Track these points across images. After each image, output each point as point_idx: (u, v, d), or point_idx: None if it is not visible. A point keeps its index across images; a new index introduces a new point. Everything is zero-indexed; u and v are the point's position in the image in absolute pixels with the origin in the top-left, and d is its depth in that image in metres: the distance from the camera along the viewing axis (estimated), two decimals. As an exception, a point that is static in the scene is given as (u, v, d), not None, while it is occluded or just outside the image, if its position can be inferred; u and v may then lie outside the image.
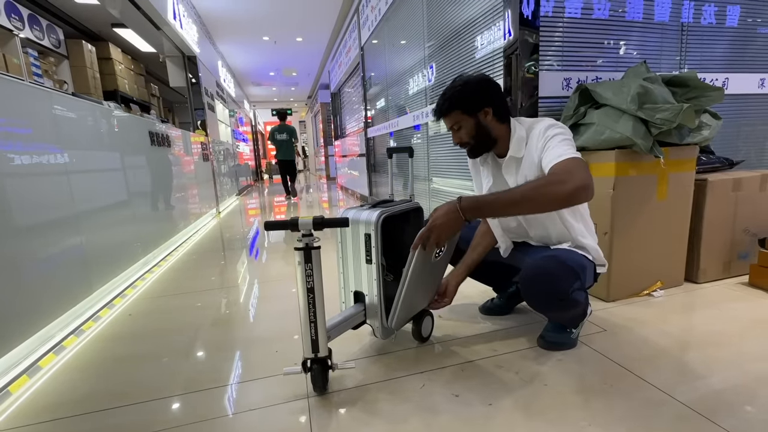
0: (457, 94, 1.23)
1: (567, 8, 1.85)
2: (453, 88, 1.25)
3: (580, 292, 1.17)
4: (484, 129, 1.25)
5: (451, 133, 1.30)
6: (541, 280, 1.15)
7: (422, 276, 1.20)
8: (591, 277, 1.25)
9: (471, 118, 1.24)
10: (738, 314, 1.48)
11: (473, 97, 1.23)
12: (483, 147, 1.29)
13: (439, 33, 2.87)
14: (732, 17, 2.16)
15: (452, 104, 1.24)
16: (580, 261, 1.20)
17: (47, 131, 1.63)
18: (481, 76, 1.27)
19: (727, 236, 1.80)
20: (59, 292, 1.61)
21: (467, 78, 1.26)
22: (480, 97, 1.23)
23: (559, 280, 1.13)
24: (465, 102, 1.23)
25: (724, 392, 1.02)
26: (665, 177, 1.61)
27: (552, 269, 1.15)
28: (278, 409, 1.04)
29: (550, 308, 1.24)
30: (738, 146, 2.36)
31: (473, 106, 1.23)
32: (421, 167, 3.41)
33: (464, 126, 1.25)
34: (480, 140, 1.26)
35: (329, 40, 7.04)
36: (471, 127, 1.25)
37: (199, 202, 4.16)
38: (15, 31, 3.41)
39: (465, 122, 1.25)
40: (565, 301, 1.14)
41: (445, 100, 1.25)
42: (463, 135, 1.27)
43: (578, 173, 1.00)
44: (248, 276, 2.29)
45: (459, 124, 1.26)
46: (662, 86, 1.58)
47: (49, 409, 1.10)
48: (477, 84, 1.24)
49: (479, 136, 1.25)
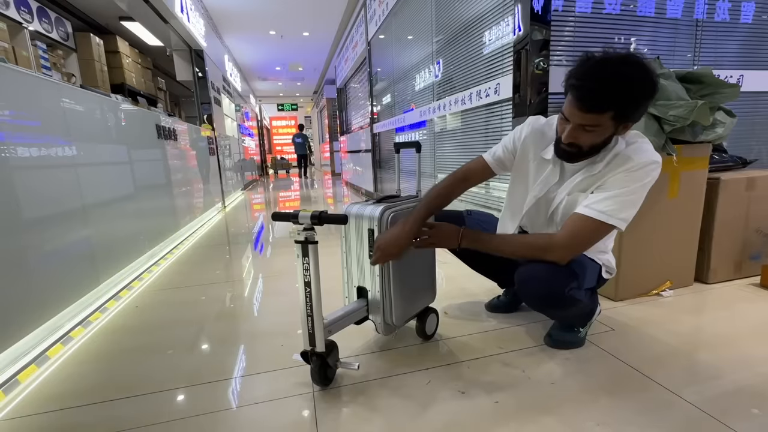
0: (627, 92, 0.90)
1: (578, 3, 1.82)
2: (623, 78, 0.89)
3: (577, 290, 1.13)
4: (608, 141, 1.01)
5: (569, 125, 0.98)
6: (533, 282, 1.10)
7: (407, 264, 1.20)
8: (593, 278, 1.19)
9: (612, 127, 0.96)
10: (748, 316, 1.46)
11: (638, 106, 0.93)
12: (584, 157, 1.05)
13: (447, 28, 2.84)
14: (746, 13, 2.12)
15: (614, 104, 0.91)
16: (579, 259, 1.15)
17: (55, 124, 1.63)
18: (655, 75, 0.92)
19: (738, 236, 1.77)
20: (67, 283, 1.62)
21: (642, 72, 0.90)
22: (643, 108, 0.95)
23: (551, 280, 1.08)
24: (627, 106, 0.92)
25: (734, 394, 1.01)
26: (677, 175, 1.58)
27: (544, 270, 1.08)
28: (283, 402, 1.04)
29: (547, 308, 1.22)
30: (751, 145, 2.32)
31: (628, 116, 0.94)
32: (427, 164, 3.40)
33: (599, 132, 0.96)
34: (592, 151, 1.03)
35: (336, 34, 7.01)
36: (603, 137, 0.98)
37: (205, 196, 4.18)
38: (24, 23, 3.42)
39: (604, 128, 0.96)
40: (562, 300, 1.10)
41: (610, 95, 0.90)
42: (585, 138, 0.98)
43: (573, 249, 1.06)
44: (253, 270, 2.30)
45: (595, 128, 0.95)
46: (676, 82, 1.55)
47: (56, 398, 1.11)
48: (651, 90, 0.92)
49: (597, 147, 1.02)
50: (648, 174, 1.01)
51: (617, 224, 1.00)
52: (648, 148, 1.05)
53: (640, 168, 1.00)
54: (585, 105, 0.93)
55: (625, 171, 1.01)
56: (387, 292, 1.18)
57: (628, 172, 1.01)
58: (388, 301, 1.19)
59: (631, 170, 1.01)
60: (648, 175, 1.01)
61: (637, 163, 1.01)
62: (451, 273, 1.98)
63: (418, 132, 3.72)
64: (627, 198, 1.01)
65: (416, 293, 1.30)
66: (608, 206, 1.00)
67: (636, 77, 0.90)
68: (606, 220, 1.00)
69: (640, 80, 0.91)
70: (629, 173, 1.01)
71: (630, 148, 1.04)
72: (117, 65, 4.73)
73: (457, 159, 2.87)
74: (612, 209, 1.00)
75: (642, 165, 1.01)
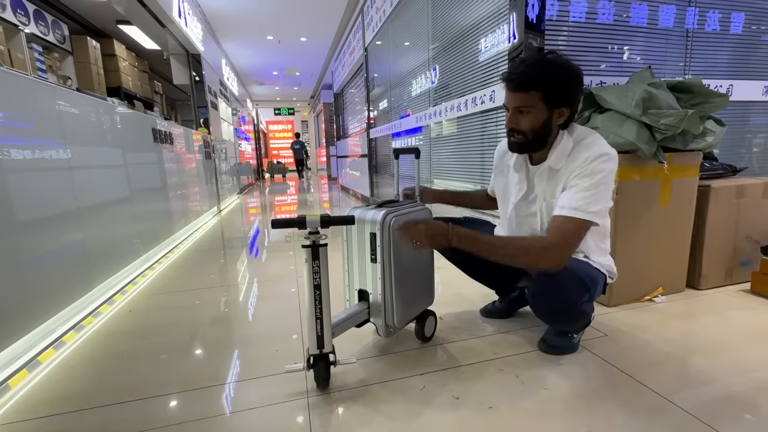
0: (550, 74, 1.02)
1: (572, 12, 1.85)
2: (545, 63, 1.04)
3: (588, 304, 1.16)
4: (548, 128, 1.08)
5: (509, 113, 1.10)
6: (548, 298, 1.12)
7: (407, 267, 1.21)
8: (601, 290, 1.21)
9: (545, 110, 1.06)
10: (739, 322, 1.48)
11: (563, 89, 1.04)
12: (532, 146, 1.13)
13: (443, 35, 2.88)
14: (736, 24, 2.16)
15: (538, 83, 1.03)
16: (592, 273, 1.16)
17: (50, 126, 1.63)
18: (577, 66, 1.05)
19: (729, 243, 1.79)
20: (60, 287, 1.61)
21: (566, 61, 1.04)
22: (569, 93, 1.05)
23: (569, 295, 1.10)
24: (553, 88, 1.03)
25: (725, 400, 1.02)
26: (668, 182, 1.61)
27: (561, 283, 1.08)
28: (277, 408, 1.04)
29: (557, 321, 1.23)
30: (741, 153, 2.36)
31: (556, 99, 1.05)
32: (424, 169, 3.41)
33: (533, 114, 1.06)
34: (536, 138, 1.10)
35: (333, 40, 7.05)
36: (539, 120, 1.07)
37: (201, 200, 4.17)
38: (20, 26, 3.42)
39: (537, 110, 1.06)
40: (574, 313, 1.13)
41: (532, 75, 1.03)
42: (524, 122, 1.08)
43: (565, 249, 1.06)
44: (248, 274, 2.29)
45: (529, 109, 1.06)
46: (667, 92, 1.58)
47: (47, 404, 1.09)
48: (573, 75, 1.04)
49: (538, 134, 1.09)
50: (601, 165, 1.05)
51: (590, 218, 1.04)
52: (597, 142, 1.09)
53: (592, 161, 1.05)
54: (513, 84, 1.06)
55: (580, 167, 1.07)
56: (388, 295, 1.19)
57: (583, 168, 1.06)
58: (390, 304, 1.19)
59: (585, 165, 1.06)
60: (602, 166, 1.05)
61: (587, 158, 1.06)
62: (447, 278, 1.99)
63: (414, 137, 3.74)
64: (592, 192, 1.04)
65: (416, 296, 1.30)
66: (578, 202, 1.05)
67: (557, 63, 1.04)
68: (581, 216, 1.04)
69: (561, 65, 1.04)
70: (584, 168, 1.06)
71: (581, 144, 1.10)
72: (113, 68, 4.73)
73: (453, 165, 2.89)
74: (581, 204, 1.04)
75: (593, 158, 1.05)
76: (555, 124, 1.09)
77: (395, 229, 1.13)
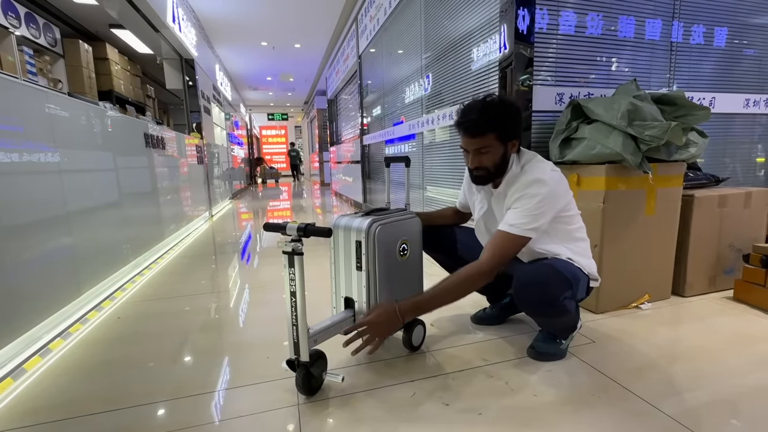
0: (498, 116, 1.16)
1: (561, 25, 1.90)
2: (491, 107, 1.16)
3: (570, 301, 1.19)
4: (505, 160, 1.21)
5: (470, 155, 1.22)
6: (534, 285, 1.17)
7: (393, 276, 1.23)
8: (584, 290, 1.26)
9: (501, 146, 1.19)
10: (723, 328, 1.51)
11: (511, 125, 1.18)
12: (494, 177, 1.25)
13: (436, 44, 2.92)
14: (720, 38, 2.23)
15: (491, 126, 1.16)
16: (574, 272, 1.22)
17: (39, 130, 1.61)
18: (514, 101, 1.24)
19: (712, 251, 1.83)
20: (47, 293, 1.59)
21: (504, 99, 1.19)
22: (516, 126, 1.19)
23: (550, 286, 1.15)
24: (504, 127, 1.16)
25: (709, 405, 1.04)
26: (653, 192, 1.65)
27: (545, 275, 1.17)
28: (267, 416, 1.04)
29: (540, 313, 1.26)
30: (724, 164, 2.42)
31: (508, 134, 1.18)
32: (416, 176, 3.44)
33: (492, 152, 1.19)
34: (497, 171, 1.22)
35: (327, 47, 7.10)
36: (498, 156, 1.19)
37: (192, 205, 4.14)
38: (11, 28, 3.39)
39: (494, 148, 1.18)
40: (555, 306, 1.16)
41: (485, 121, 1.16)
42: (486, 160, 1.20)
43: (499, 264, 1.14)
44: (239, 280, 2.28)
45: (488, 149, 1.18)
46: (651, 104, 1.63)
47: (33, 413, 1.07)
48: (515, 110, 1.19)
49: (499, 167, 1.21)
50: (536, 190, 1.15)
51: (527, 234, 1.15)
52: (534, 169, 1.19)
53: (527, 186, 1.17)
54: (470, 132, 1.18)
55: (519, 191, 1.18)
56: (373, 303, 1.19)
57: (521, 192, 1.17)
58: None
59: (522, 190, 1.17)
60: (537, 191, 1.15)
61: (523, 182, 1.18)
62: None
63: (407, 144, 3.77)
64: (531, 213, 1.14)
65: None
66: (518, 220, 1.15)
67: (501, 104, 1.17)
68: (517, 232, 1.14)
69: (505, 105, 1.18)
70: (522, 192, 1.17)
71: (524, 169, 1.22)
72: (105, 72, 4.69)
73: (445, 171, 2.92)
74: (521, 222, 1.14)
75: (527, 184, 1.17)
76: (510, 154, 1.23)
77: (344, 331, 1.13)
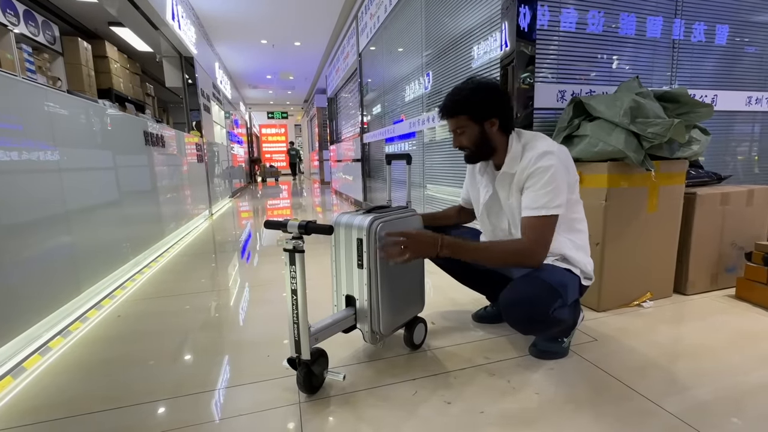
0: (468, 98, 1.20)
1: (562, 22, 1.89)
2: (463, 90, 1.22)
3: (561, 309, 1.15)
4: (486, 138, 1.24)
5: (453, 135, 1.29)
6: (519, 306, 1.14)
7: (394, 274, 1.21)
8: (575, 292, 1.22)
9: (476, 126, 1.22)
10: (725, 326, 1.51)
11: (483, 105, 1.20)
12: (481, 155, 1.29)
13: (436, 42, 2.91)
14: (721, 36, 2.22)
15: (461, 108, 1.22)
16: (561, 278, 1.18)
17: (38, 128, 1.61)
18: (493, 83, 1.24)
19: (714, 249, 1.83)
20: (46, 291, 1.58)
21: (479, 82, 1.22)
22: (490, 107, 1.21)
23: (537, 303, 1.12)
24: (474, 108, 1.21)
25: (712, 403, 1.04)
26: (656, 190, 1.64)
27: (529, 293, 1.13)
28: (268, 414, 1.03)
29: (532, 330, 1.26)
30: (726, 161, 2.41)
31: (481, 115, 1.21)
32: (417, 174, 3.43)
33: (468, 132, 1.23)
34: (480, 149, 1.26)
35: (327, 45, 7.08)
36: (474, 135, 1.23)
37: (192, 204, 4.13)
38: (9, 26, 3.37)
39: (469, 128, 1.23)
40: (546, 321, 1.14)
41: (454, 102, 1.22)
42: (464, 140, 1.25)
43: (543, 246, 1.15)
44: (239, 279, 2.27)
45: (462, 129, 1.24)
46: (654, 101, 1.62)
47: (32, 411, 1.07)
48: (488, 92, 1.21)
49: (480, 145, 1.25)
50: (546, 162, 1.15)
51: (553, 212, 1.14)
52: (539, 144, 1.20)
53: (537, 160, 1.16)
54: (443, 114, 1.26)
55: (530, 168, 1.17)
56: (374, 301, 1.19)
57: (531, 168, 1.17)
58: (376, 310, 1.19)
59: (531, 166, 1.17)
60: (546, 163, 1.15)
61: (531, 157, 1.18)
62: (439, 283, 1.99)
63: (407, 142, 3.76)
64: (549, 189, 1.14)
65: (404, 303, 1.30)
66: (540, 201, 1.14)
67: (472, 87, 1.21)
68: (546, 213, 1.14)
69: (475, 87, 1.21)
70: (531, 168, 1.17)
71: (526, 147, 1.23)
72: (105, 70, 4.69)
73: (446, 169, 2.91)
74: (544, 202, 1.14)
75: (536, 157, 1.16)
76: (492, 132, 1.23)
77: (382, 238, 1.14)
